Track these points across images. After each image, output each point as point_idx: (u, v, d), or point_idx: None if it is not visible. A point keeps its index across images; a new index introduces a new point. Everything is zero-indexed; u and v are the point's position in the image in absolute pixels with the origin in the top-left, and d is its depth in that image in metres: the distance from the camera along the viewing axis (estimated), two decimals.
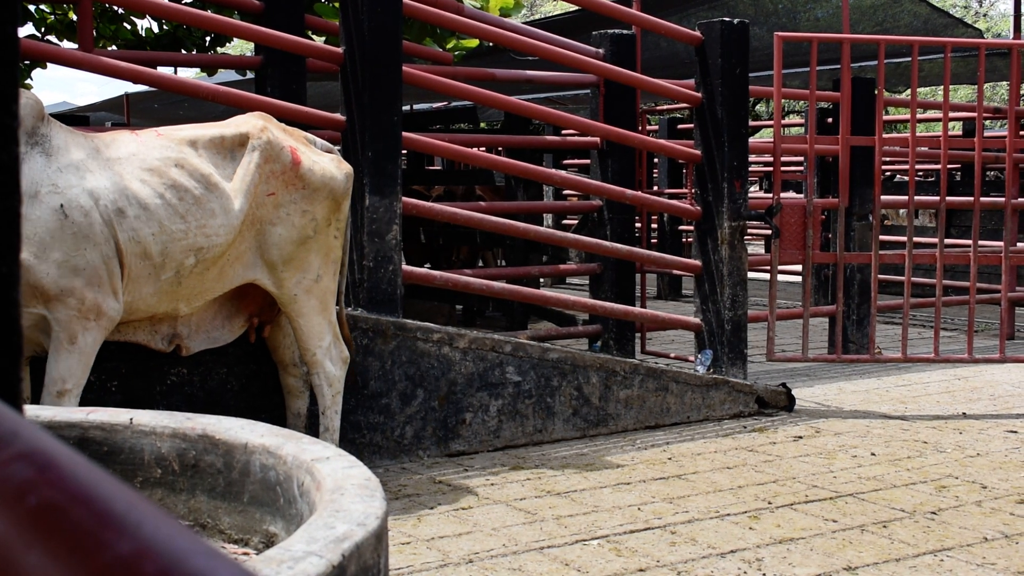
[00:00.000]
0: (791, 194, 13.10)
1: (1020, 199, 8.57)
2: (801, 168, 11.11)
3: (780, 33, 6.95)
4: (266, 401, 5.03)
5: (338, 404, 4.78)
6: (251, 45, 7.67)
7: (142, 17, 8.94)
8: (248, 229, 4.42)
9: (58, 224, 3.95)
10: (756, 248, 16.82)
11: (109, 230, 4.06)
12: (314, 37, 7.95)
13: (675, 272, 11.75)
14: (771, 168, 9.05)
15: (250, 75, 9.15)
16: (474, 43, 8.46)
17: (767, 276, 7.39)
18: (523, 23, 8.52)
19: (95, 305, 4.03)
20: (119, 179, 4.13)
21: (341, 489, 2.05)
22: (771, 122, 8.46)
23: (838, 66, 7.34)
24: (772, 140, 7.21)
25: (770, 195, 8.57)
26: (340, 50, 5.59)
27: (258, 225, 4.46)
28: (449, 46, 8.24)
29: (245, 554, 2.44)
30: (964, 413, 6.49)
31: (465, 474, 5.11)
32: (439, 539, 4.11)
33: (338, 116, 5.62)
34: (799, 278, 9.72)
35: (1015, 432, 6.00)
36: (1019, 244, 8.49)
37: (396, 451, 5.38)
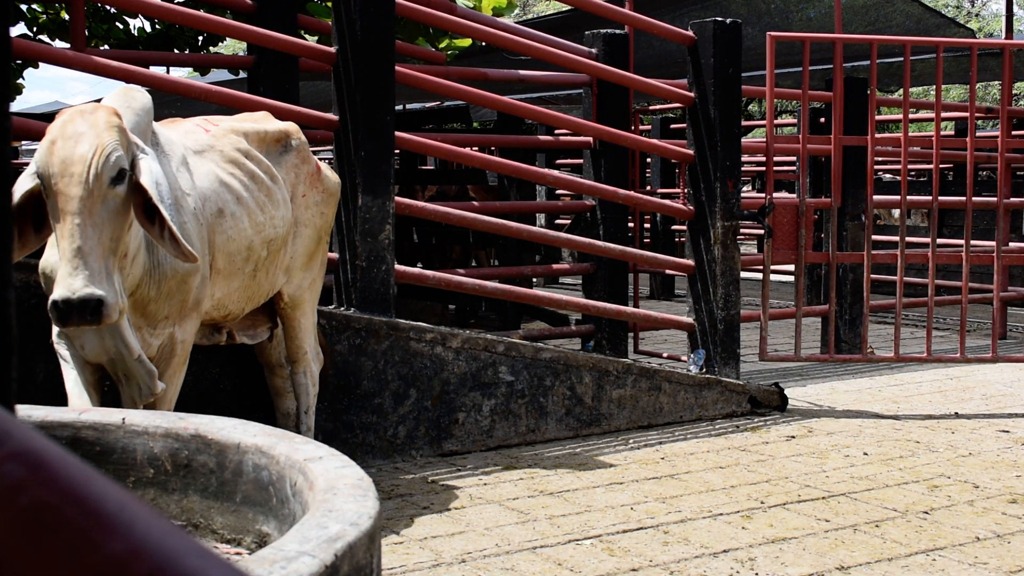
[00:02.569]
0: (784, 194, 13.11)
1: (1012, 199, 8.58)
2: (794, 168, 11.13)
3: (773, 33, 6.95)
4: (259, 401, 5.03)
5: (315, 403, 4.80)
6: (244, 45, 7.66)
7: (134, 16, 8.93)
8: (289, 227, 4.43)
9: (197, 230, 3.79)
10: (749, 248, 16.82)
11: (207, 225, 3.91)
12: (307, 37, 7.94)
13: (668, 272, 11.75)
14: (764, 168, 9.05)
15: (243, 75, 9.14)
16: (467, 43, 8.46)
17: (760, 276, 7.39)
18: (516, 23, 8.52)
19: (200, 307, 3.94)
20: (211, 172, 4.01)
21: (334, 489, 2.05)
22: (764, 122, 8.46)
23: (831, 66, 7.35)
24: (765, 140, 7.22)
25: (763, 195, 8.58)
26: (333, 49, 5.58)
27: (293, 225, 4.47)
28: (442, 45, 8.24)
29: (238, 554, 2.43)
30: (956, 413, 6.51)
31: (458, 474, 5.11)
32: (432, 539, 4.10)
33: (331, 116, 5.61)
34: (792, 278, 9.73)
35: (1007, 432, 6.01)
36: (1011, 244, 8.52)
37: (389, 451, 5.38)
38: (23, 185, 3.26)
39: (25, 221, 3.29)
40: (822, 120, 9.39)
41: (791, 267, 8.03)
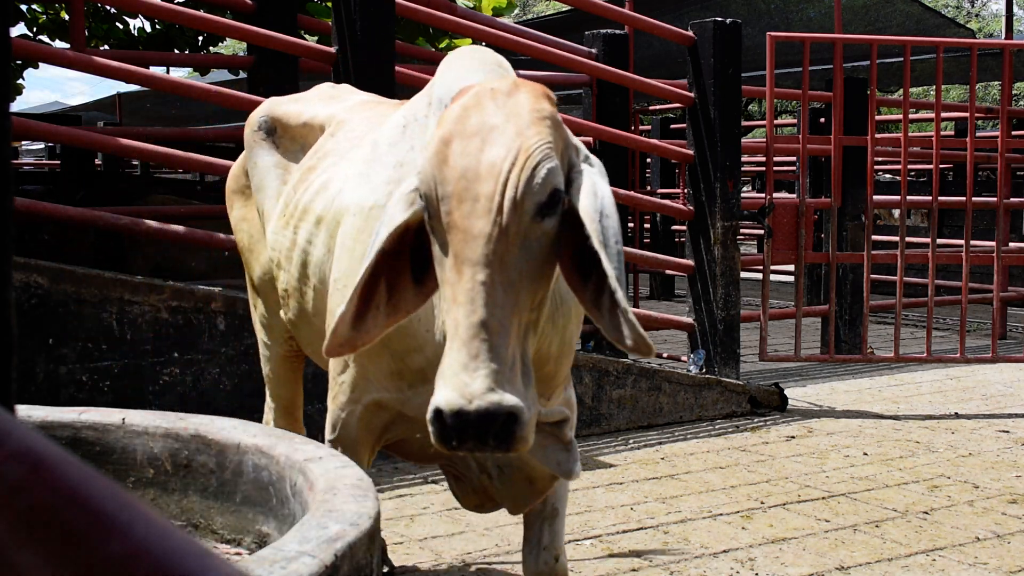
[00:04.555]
0: (783, 194, 13.11)
1: (1012, 199, 8.58)
2: (794, 168, 11.12)
3: (772, 33, 6.96)
4: (259, 401, 5.02)
5: None
6: (244, 44, 7.67)
7: (134, 16, 8.93)
8: None
9: None
10: (749, 248, 16.82)
11: None
12: (307, 36, 7.94)
13: (668, 272, 11.74)
14: (764, 168, 9.05)
15: (242, 75, 9.14)
16: (467, 43, 8.46)
17: (760, 276, 7.39)
18: (516, 23, 8.52)
19: None
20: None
21: (334, 489, 2.05)
22: (763, 122, 8.46)
23: (830, 66, 7.35)
24: (765, 140, 7.22)
25: (763, 195, 8.58)
26: (332, 50, 5.58)
27: None
28: (442, 45, 8.24)
29: (238, 554, 2.43)
30: (956, 413, 6.51)
31: None
32: (432, 539, 4.10)
33: None
34: (792, 278, 9.73)
35: (1007, 432, 6.01)
36: (1011, 244, 8.51)
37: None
38: (395, 214, 2.03)
39: (400, 269, 2.06)
40: (822, 120, 9.39)
41: (791, 267, 8.02)
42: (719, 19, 6.76)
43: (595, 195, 1.98)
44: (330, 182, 2.91)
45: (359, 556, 1.82)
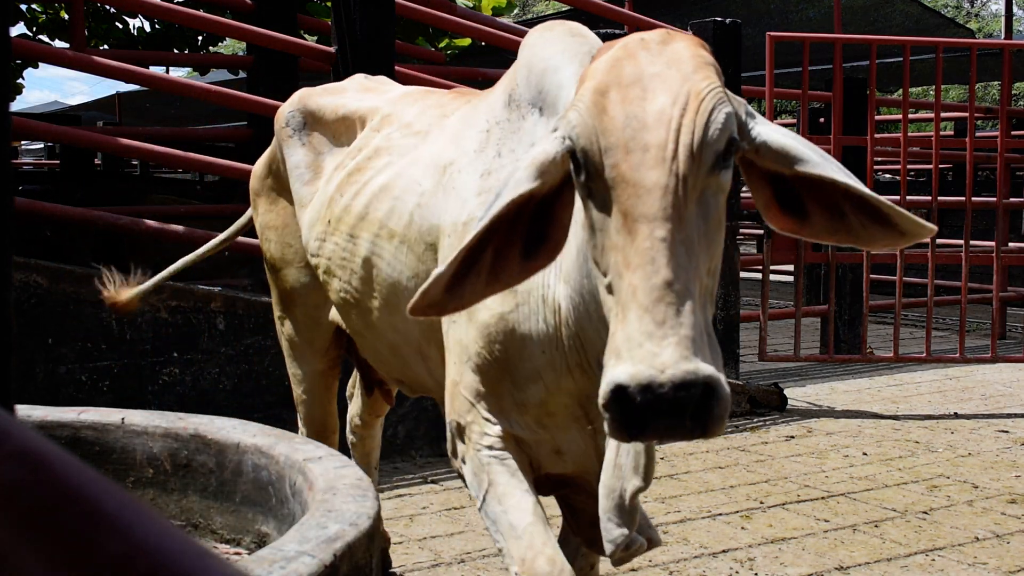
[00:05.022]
0: None
1: (1011, 199, 8.58)
2: None
3: (772, 33, 6.96)
4: (258, 400, 5.03)
5: None
6: (243, 44, 7.67)
7: (134, 16, 8.93)
8: None
9: None
10: (748, 248, 16.82)
11: None
12: (306, 36, 7.95)
13: None
14: None
15: (242, 74, 9.15)
16: (466, 42, 8.47)
17: (759, 276, 7.39)
18: (516, 23, 8.52)
19: None
20: None
21: (333, 489, 2.05)
22: None
23: (830, 66, 7.36)
24: None
25: None
26: (332, 49, 5.58)
27: None
28: (441, 45, 8.24)
29: (237, 554, 2.44)
30: (955, 413, 6.51)
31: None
32: (431, 539, 4.10)
33: None
34: (791, 278, 9.73)
35: (1006, 432, 6.01)
36: (1010, 244, 8.52)
37: (388, 451, 5.37)
38: (521, 180, 1.77)
39: (510, 239, 1.80)
40: (821, 120, 9.39)
41: (791, 267, 8.03)
42: (719, 19, 6.76)
43: (785, 134, 1.76)
44: (392, 185, 2.66)
45: (358, 556, 1.82)
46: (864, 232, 1.74)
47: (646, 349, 1.47)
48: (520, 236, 1.79)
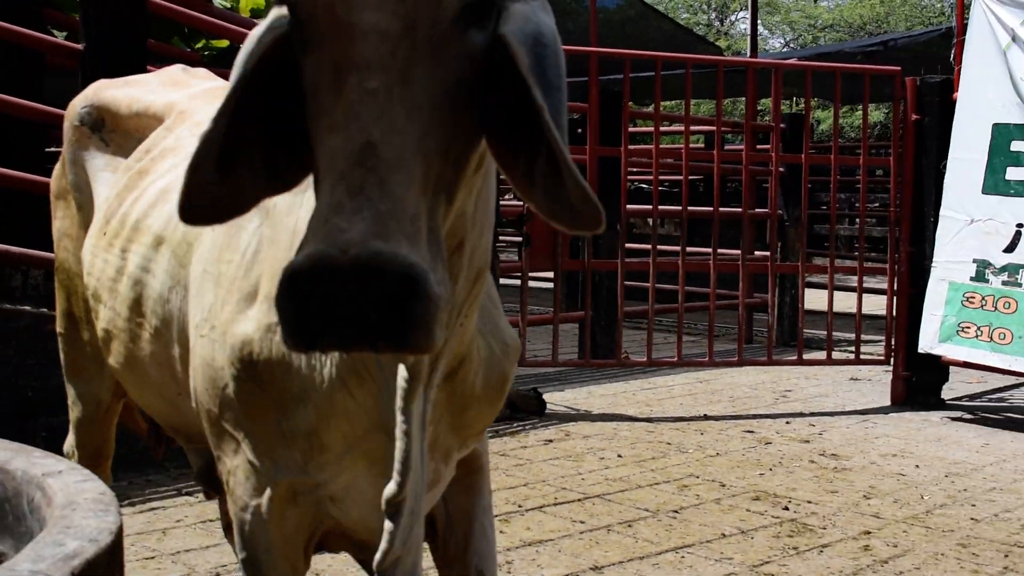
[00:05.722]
0: None
1: (756, 210, 9.00)
2: None
3: None
4: None
5: None
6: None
7: None
8: None
9: None
10: (509, 255, 17.07)
11: None
12: (54, 32, 7.61)
13: None
14: None
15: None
16: (224, 44, 8.27)
17: (519, 282, 7.51)
18: None
19: None
20: None
21: (73, 504, 1.95)
22: None
23: (587, 78, 7.54)
24: None
25: (521, 203, 8.71)
26: (80, 47, 5.35)
27: None
28: (198, 46, 8.03)
29: None
30: (705, 415, 6.76)
31: None
32: (185, 552, 3.98)
33: None
34: (550, 284, 9.92)
35: (752, 432, 6.28)
36: (755, 252, 8.93)
37: (141, 463, 5.19)
38: (260, 33, 1.42)
39: (277, 132, 1.46)
40: (579, 131, 9.61)
41: (549, 274, 8.17)
42: None
43: (529, 20, 1.43)
44: (172, 190, 2.21)
45: (98, 573, 1.74)
46: (538, 197, 1.40)
47: (331, 224, 1.16)
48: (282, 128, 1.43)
